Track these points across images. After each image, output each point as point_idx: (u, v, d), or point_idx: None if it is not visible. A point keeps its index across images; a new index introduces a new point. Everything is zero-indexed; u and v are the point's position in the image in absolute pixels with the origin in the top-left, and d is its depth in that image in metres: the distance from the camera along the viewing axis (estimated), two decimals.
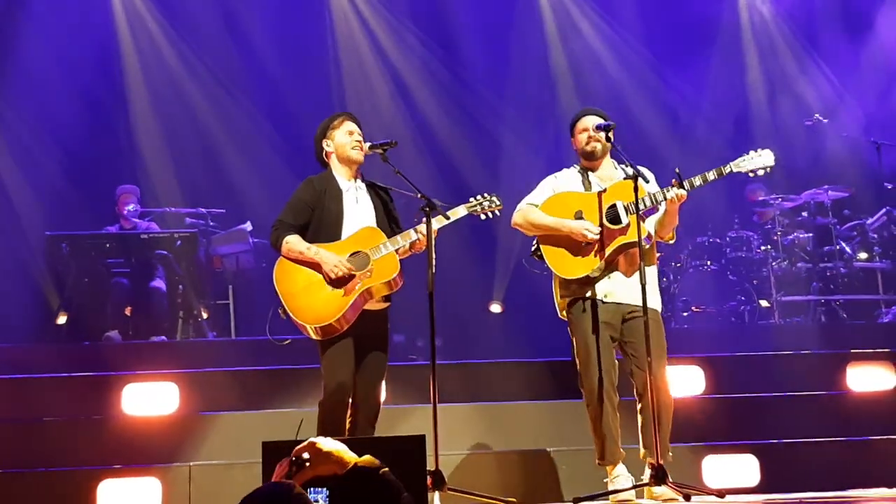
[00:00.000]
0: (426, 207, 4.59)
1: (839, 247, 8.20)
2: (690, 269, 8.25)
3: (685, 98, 9.58)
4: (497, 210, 4.83)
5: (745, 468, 5.42)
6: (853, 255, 8.26)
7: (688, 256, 8.40)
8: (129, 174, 8.94)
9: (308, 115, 5.07)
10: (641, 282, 4.45)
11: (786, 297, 8.04)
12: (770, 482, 5.35)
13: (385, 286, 4.55)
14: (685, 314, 8.04)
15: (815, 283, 8.12)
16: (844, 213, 8.72)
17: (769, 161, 4.69)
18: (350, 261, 4.54)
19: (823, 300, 8.09)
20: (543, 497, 5.27)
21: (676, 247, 8.32)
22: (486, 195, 4.83)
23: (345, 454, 3.12)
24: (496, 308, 9.68)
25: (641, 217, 4.54)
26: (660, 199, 4.61)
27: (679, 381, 5.98)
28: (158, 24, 9.55)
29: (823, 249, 8.28)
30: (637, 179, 4.50)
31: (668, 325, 4.88)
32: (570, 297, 4.78)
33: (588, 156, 4.87)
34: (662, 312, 4.85)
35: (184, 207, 8.81)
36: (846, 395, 6.21)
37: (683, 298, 8.09)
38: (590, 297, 4.72)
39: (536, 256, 4.83)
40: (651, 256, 4.80)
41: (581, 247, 4.69)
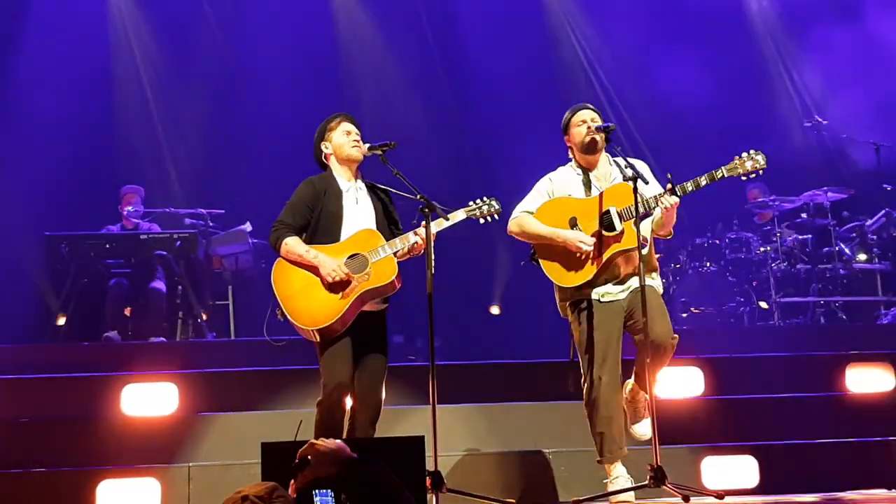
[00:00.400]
0: (425, 209, 4.59)
1: (838, 248, 8.19)
2: (690, 271, 8.25)
3: (684, 96, 9.55)
4: (496, 214, 4.83)
5: (745, 469, 5.41)
6: (852, 257, 8.25)
7: (687, 258, 8.40)
8: (129, 174, 8.94)
9: (308, 116, 5.05)
10: (641, 282, 4.45)
11: (785, 299, 8.04)
12: (769, 483, 5.34)
13: (383, 289, 4.55)
14: (684, 315, 8.04)
15: (815, 285, 8.12)
16: (843, 215, 8.71)
17: (761, 164, 4.64)
18: (348, 264, 4.53)
19: (822, 301, 8.08)
20: (542, 498, 5.27)
21: (676, 248, 8.35)
22: (486, 199, 4.82)
23: (343, 454, 3.12)
24: (495, 310, 9.69)
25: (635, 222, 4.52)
26: (653, 206, 4.60)
27: (678, 383, 5.99)
28: (158, 24, 9.55)
29: (822, 251, 8.28)
30: (636, 181, 4.49)
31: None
32: (570, 300, 4.80)
33: (587, 149, 4.83)
34: None
35: (183, 208, 8.82)
36: (845, 397, 6.21)
37: (682, 300, 8.09)
38: (588, 299, 4.73)
39: (534, 262, 4.84)
40: (650, 260, 4.80)
41: (576, 256, 4.69)
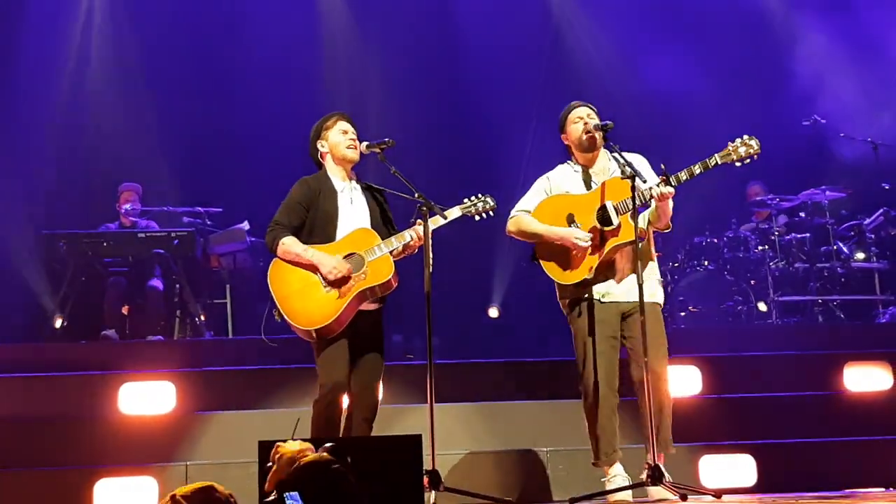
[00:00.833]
0: (423, 208, 4.59)
1: (836, 247, 8.18)
2: (688, 269, 8.24)
3: (681, 94, 9.53)
4: (491, 211, 4.82)
5: (742, 468, 5.42)
6: (850, 256, 8.24)
7: (685, 256, 8.39)
8: (127, 172, 8.92)
9: (306, 114, 5.04)
10: (639, 281, 4.43)
11: (783, 298, 8.03)
12: (767, 482, 5.35)
13: (379, 288, 4.55)
14: (682, 314, 8.04)
15: (813, 284, 8.11)
16: (842, 214, 8.71)
17: (755, 148, 4.57)
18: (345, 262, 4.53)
19: (821, 300, 8.07)
20: (540, 497, 5.27)
21: (674, 247, 8.34)
22: (480, 196, 4.82)
23: (302, 456, 3.10)
24: (494, 313, 9.69)
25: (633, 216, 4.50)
26: (648, 197, 4.57)
27: (676, 381, 5.98)
28: (156, 23, 9.54)
29: (821, 249, 8.27)
30: (634, 179, 4.48)
31: (666, 325, 4.84)
32: (570, 298, 4.79)
33: (585, 147, 4.82)
34: (662, 309, 4.83)
35: (181, 206, 8.81)
36: (843, 396, 6.21)
37: (680, 298, 8.09)
38: (588, 298, 4.72)
39: (535, 262, 4.83)
40: (648, 252, 4.78)
41: (574, 253, 4.68)
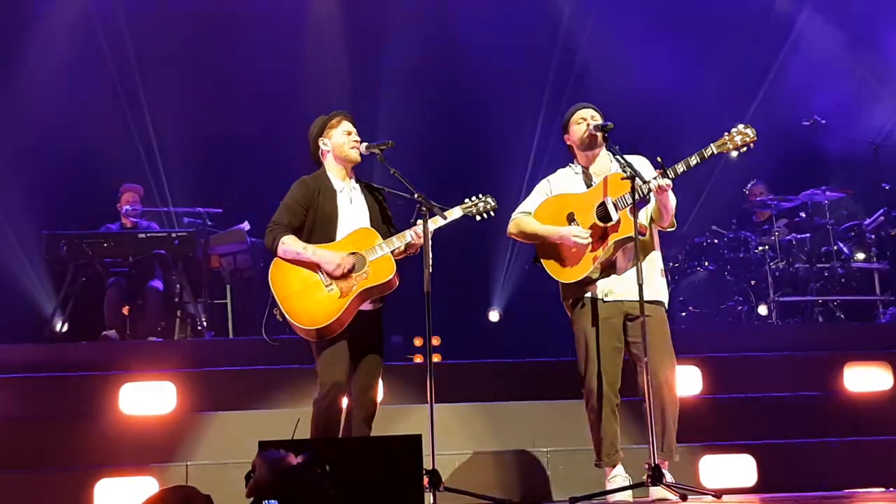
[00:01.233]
0: (423, 208, 4.59)
1: (837, 247, 8.18)
2: (688, 270, 8.25)
3: (681, 94, 9.53)
4: (492, 211, 4.82)
5: (743, 468, 5.42)
6: (851, 256, 8.24)
7: (685, 257, 8.39)
8: (128, 173, 8.93)
9: (306, 114, 5.04)
10: (639, 281, 4.41)
11: (783, 298, 8.03)
12: (767, 482, 5.35)
13: (381, 287, 4.55)
14: (683, 314, 8.04)
15: (813, 284, 8.11)
16: (842, 214, 8.71)
17: (751, 136, 4.54)
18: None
19: (821, 301, 8.08)
20: (540, 497, 5.27)
21: (675, 247, 8.34)
22: (481, 196, 4.82)
23: (280, 464, 3.09)
24: (494, 317, 9.70)
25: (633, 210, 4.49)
26: (646, 192, 4.55)
27: (678, 381, 5.98)
28: (157, 23, 9.54)
29: (821, 250, 8.26)
30: (634, 180, 4.48)
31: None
32: (573, 298, 4.79)
33: (586, 146, 4.82)
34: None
35: (181, 207, 8.82)
36: (843, 396, 6.22)
37: (681, 299, 8.09)
38: (591, 297, 4.72)
39: (537, 263, 4.82)
40: (650, 246, 4.76)
41: (574, 251, 4.67)
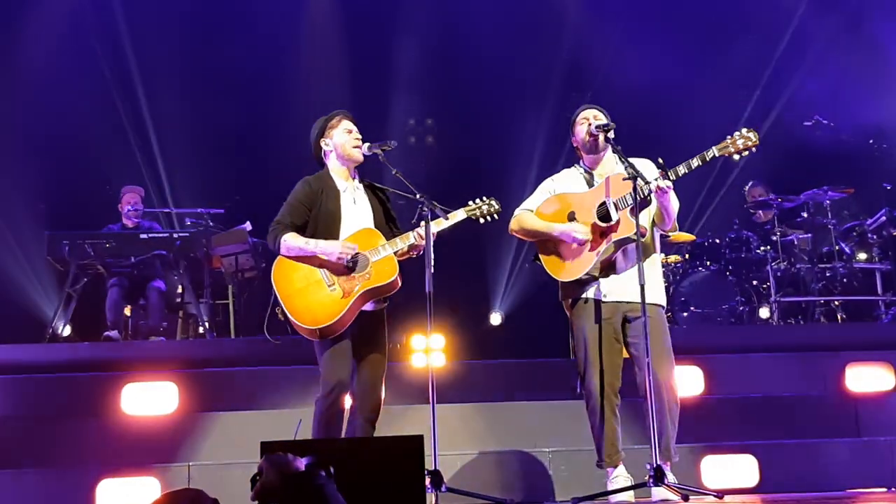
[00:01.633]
0: (423, 208, 4.58)
1: (838, 247, 8.18)
2: (689, 270, 8.24)
3: (681, 93, 9.51)
4: (496, 214, 4.80)
5: (744, 469, 5.42)
6: (852, 256, 8.24)
7: (687, 257, 8.38)
8: (130, 174, 8.94)
9: (307, 114, 5.04)
10: (640, 281, 4.42)
11: (785, 298, 8.03)
12: (769, 483, 5.35)
13: (384, 288, 4.54)
14: (684, 314, 8.03)
15: (814, 284, 8.10)
16: (844, 214, 8.70)
17: (753, 140, 4.51)
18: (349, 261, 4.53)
19: (822, 301, 8.07)
20: (542, 497, 5.27)
21: (675, 246, 8.33)
22: (485, 199, 4.80)
23: (288, 467, 3.09)
24: (496, 320, 9.70)
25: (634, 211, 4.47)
26: (646, 193, 4.53)
27: (678, 382, 5.98)
28: (158, 22, 9.55)
29: (822, 250, 8.26)
30: (636, 180, 4.47)
31: (667, 325, 4.83)
32: (571, 297, 4.79)
33: (588, 148, 4.83)
34: (665, 310, 4.81)
35: (183, 207, 8.83)
36: (845, 396, 6.21)
37: (682, 299, 8.08)
38: (589, 298, 4.71)
39: (537, 261, 4.83)
40: (650, 248, 4.76)
41: (574, 249, 4.68)
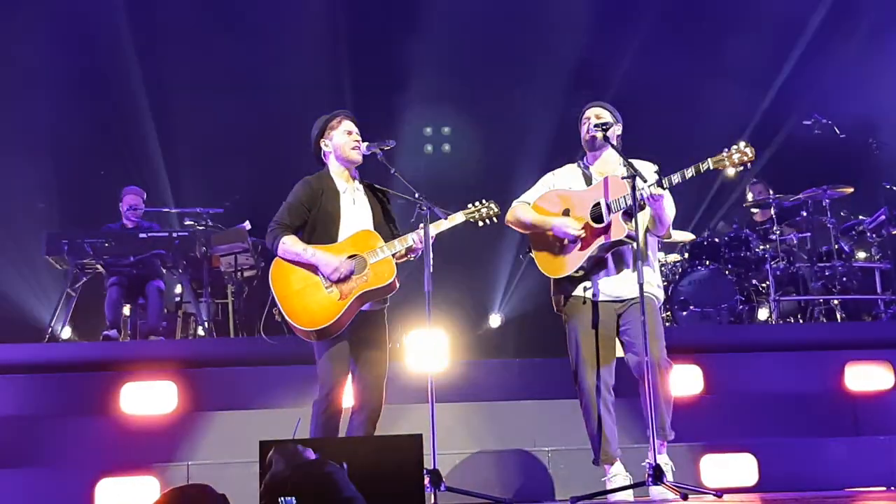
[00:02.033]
0: (422, 209, 4.58)
1: (837, 246, 8.18)
2: (689, 269, 8.24)
3: (682, 93, 9.51)
4: (495, 217, 4.80)
5: (744, 468, 5.42)
6: (851, 255, 8.24)
7: (686, 256, 8.38)
8: (130, 173, 8.95)
9: (308, 114, 5.04)
10: (639, 280, 4.41)
11: (784, 297, 8.03)
12: (768, 481, 5.35)
13: (381, 290, 4.54)
14: (683, 313, 8.03)
15: (814, 283, 8.10)
16: (843, 213, 8.70)
17: (749, 156, 4.47)
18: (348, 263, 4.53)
19: (821, 300, 8.07)
20: (541, 496, 5.27)
21: (674, 245, 8.33)
22: (484, 202, 4.79)
23: (299, 458, 3.08)
24: (496, 321, 9.70)
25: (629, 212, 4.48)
26: (639, 197, 4.52)
27: (677, 381, 5.99)
28: (158, 23, 9.55)
29: (822, 249, 8.26)
30: (634, 179, 4.48)
31: (667, 325, 4.84)
32: (563, 295, 4.79)
33: (588, 146, 4.87)
34: (661, 308, 4.82)
35: (182, 207, 8.84)
36: (844, 395, 6.22)
37: (681, 298, 8.08)
38: (582, 295, 4.72)
39: (529, 253, 4.85)
40: (643, 253, 4.75)
41: (565, 245, 4.70)
